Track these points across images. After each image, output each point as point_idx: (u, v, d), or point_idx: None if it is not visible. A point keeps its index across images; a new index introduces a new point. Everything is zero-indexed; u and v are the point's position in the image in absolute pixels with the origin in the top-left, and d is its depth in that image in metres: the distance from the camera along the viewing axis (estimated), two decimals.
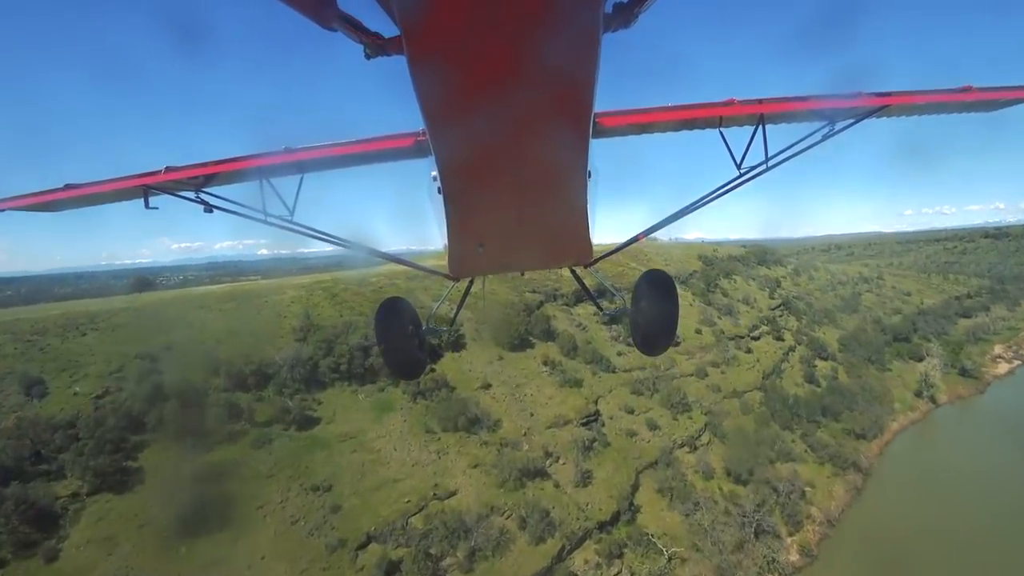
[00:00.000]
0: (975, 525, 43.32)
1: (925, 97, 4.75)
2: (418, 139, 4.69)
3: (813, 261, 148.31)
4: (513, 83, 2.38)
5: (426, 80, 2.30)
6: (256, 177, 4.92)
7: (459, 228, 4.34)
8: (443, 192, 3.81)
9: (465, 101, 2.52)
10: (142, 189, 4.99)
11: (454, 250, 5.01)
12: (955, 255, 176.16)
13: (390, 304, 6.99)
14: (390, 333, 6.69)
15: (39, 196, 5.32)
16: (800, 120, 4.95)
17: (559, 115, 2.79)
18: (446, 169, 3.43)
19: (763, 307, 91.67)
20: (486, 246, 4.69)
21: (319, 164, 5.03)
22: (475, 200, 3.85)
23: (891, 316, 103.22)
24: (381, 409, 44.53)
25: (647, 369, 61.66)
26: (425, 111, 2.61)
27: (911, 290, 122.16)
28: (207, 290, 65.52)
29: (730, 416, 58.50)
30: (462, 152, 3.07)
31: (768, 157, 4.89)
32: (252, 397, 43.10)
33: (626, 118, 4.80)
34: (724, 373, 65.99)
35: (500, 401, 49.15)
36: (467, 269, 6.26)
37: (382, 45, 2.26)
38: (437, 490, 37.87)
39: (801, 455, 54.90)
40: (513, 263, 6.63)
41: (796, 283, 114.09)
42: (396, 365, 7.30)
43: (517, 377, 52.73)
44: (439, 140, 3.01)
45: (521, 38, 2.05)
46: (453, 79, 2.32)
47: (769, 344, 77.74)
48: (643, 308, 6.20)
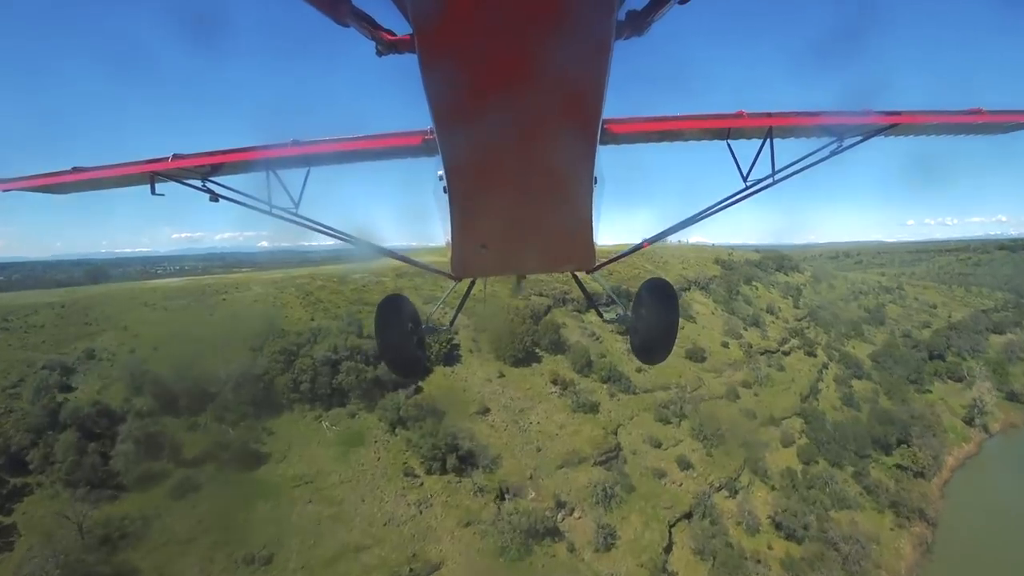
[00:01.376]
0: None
1: (934, 118, 4.66)
2: (426, 138, 4.66)
3: (823, 268, 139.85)
4: (523, 87, 2.31)
5: (436, 80, 2.24)
6: (263, 168, 4.91)
7: (463, 228, 4.12)
8: (449, 191, 3.53)
9: (474, 102, 2.43)
10: (149, 175, 4.94)
11: (457, 250, 4.70)
12: (969, 266, 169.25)
13: (390, 301, 6.67)
14: (389, 330, 6.45)
15: (47, 178, 5.19)
16: (808, 135, 4.87)
17: (568, 120, 2.70)
18: (452, 169, 3.24)
19: (788, 317, 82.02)
20: (489, 247, 4.51)
21: (326, 158, 5.04)
22: (480, 201, 3.68)
23: (921, 330, 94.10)
24: (349, 442, 34.40)
25: (672, 389, 51.78)
26: (434, 110, 2.51)
27: (935, 302, 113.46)
28: (161, 284, 55.15)
29: (770, 449, 48.69)
30: (469, 152, 2.95)
31: (775, 171, 4.78)
32: (182, 425, 32.90)
33: (635, 126, 4.77)
34: (757, 395, 56.16)
35: (500, 431, 39.09)
36: (470, 269, 5.95)
37: (394, 43, 2.25)
38: (415, 563, 27.77)
39: (857, 500, 45.09)
40: (516, 265, 6.15)
41: (817, 291, 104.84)
42: (395, 363, 7.02)
43: (521, 399, 42.69)
44: (447, 140, 2.89)
45: (533, 42, 2.00)
46: (463, 80, 2.25)
47: (801, 360, 68.03)
48: (643, 316, 6.04)
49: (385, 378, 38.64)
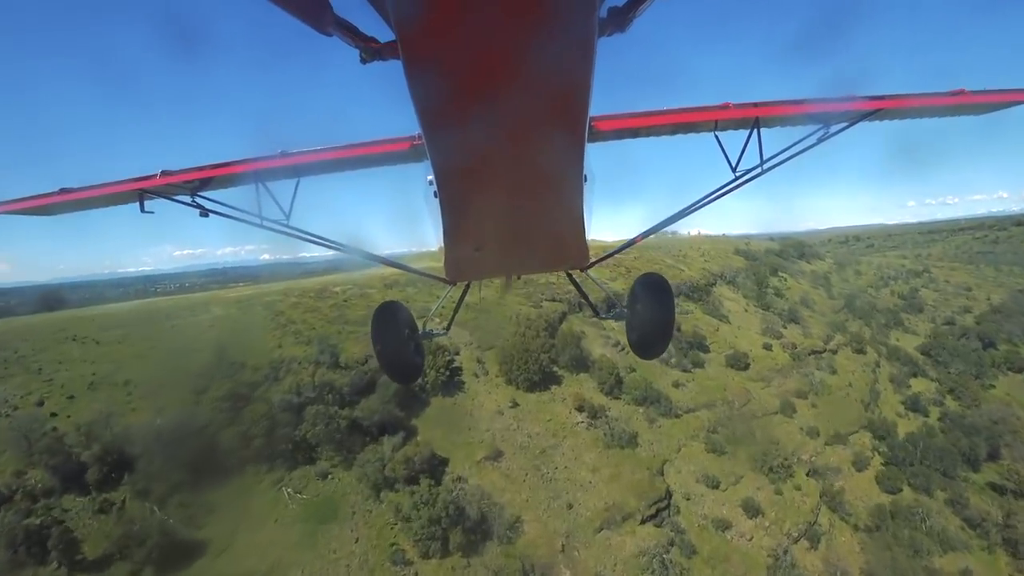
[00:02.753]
0: None
1: (918, 101, 4.68)
2: (414, 143, 4.61)
3: (842, 253, 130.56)
4: (508, 88, 2.24)
5: (421, 84, 2.18)
6: (252, 181, 4.81)
7: (455, 232, 3.98)
8: (439, 196, 3.48)
9: (460, 105, 2.34)
10: (138, 193, 4.87)
11: (451, 254, 4.56)
12: (987, 244, 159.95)
13: (386, 308, 6.28)
14: (386, 337, 6.07)
15: (34, 200, 5.04)
16: (795, 123, 4.86)
17: (555, 119, 2.62)
18: (442, 173, 3.14)
19: (825, 310, 72.71)
20: (482, 250, 4.40)
21: (315, 168, 4.96)
22: (471, 204, 3.53)
23: (962, 315, 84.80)
24: (318, 517, 25.15)
25: (717, 406, 42.60)
26: (421, 115, 2.42)
27: (968, 284, 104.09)
28: (100, 312, 45.84)
29: (844, 475, 39.43)
30: (458, 156, 2.85)
31: (763, 160, 4.73)
32: (89, 506, 23.74)
33: (622, 122, 4.72)
34: (816, 407, 46.85)
35: (517, 482, 29.85)
36: (464, 273, 5.75)
37: (378, 50, 2.21)
38: None
39: (960, 537, 35.78)
40: (510, 266, 5.97)
41: (844, 278, 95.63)
42: (393, 370, 6.50)
43: (541, 435, 33.44)
44: (434, 144, 2.81)
45: (516, 43, 1.97)
46: (448, 84, 2.20)
47: (851, 360, 58.69)
48: (639, 311, 5.82)
49: (366, 421, 29.45)
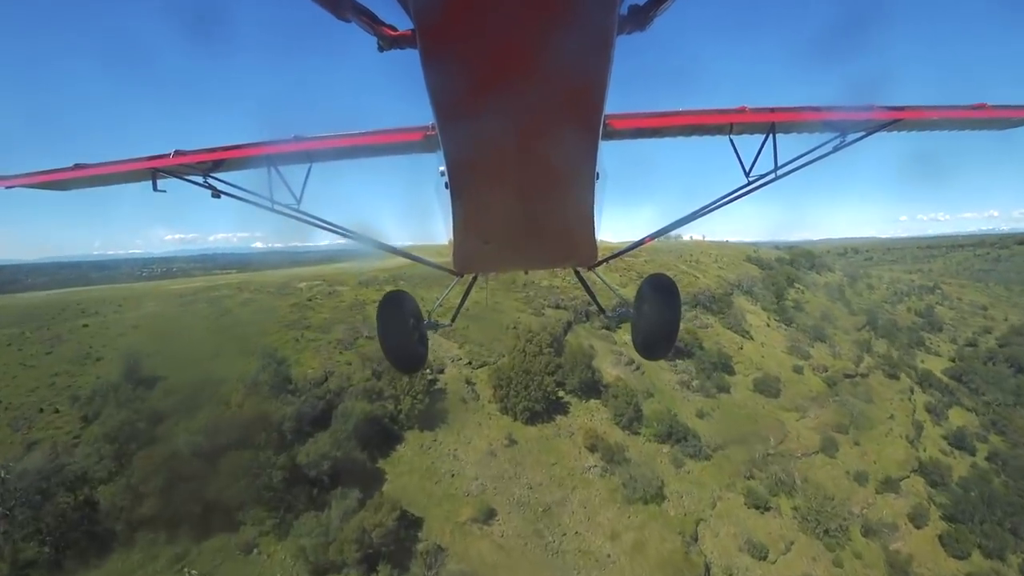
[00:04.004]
0: None
1: (938, 113, 4.45)
2: (427, 133, 4.42)
3: (831, 265, 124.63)
4: (525, 82, 2.21)
5: (438, 75, 2.15)
6: (264, 164, 4.62)
7: (465, 224, 3.90)
8: (450, 187, 3.34)
9: (476, 98, 2.30)
10: (151, 172, 4.77)
11: (459, 246, 4.51)
12: (988, 262, 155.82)
13: (392, 297, 6.28)
14: (391, 327, 6.03)
15: (49, 174, 4.96)
16: (811, 130, 4.63)
17: (570, 116, 2.57)
18: (454, 164, 3.07)
19: (848, 327, 65.79)
20: (491, 243, 4.32)
21: (328, 154, 4.80)
22: (482, 197, 3.45)
23: (984, 337, 78.77)
24: None
25: (749, 441, 35.23)
26: (436, 106, 2.38)
27: (982, 303, 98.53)
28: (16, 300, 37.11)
29: (902, 534, 32.24)
30: (471, 148, 2.81)
31: (777, 166, 4.54)
32: None
33: (637, 121, 4.56)
34: (858, 444, 39.70)
35: (515, 555, 22.04)
36: (472, 265, 5.74)
37: (396, 38, 2.16)
38: None
39: None
40: (518, 261, 6.02)
41: (857, 292, 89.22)
42: (397, 360, 6.46)
43: (545, 485, 25.70)
44: (448, 135, 2.76)
45: (535, 37, 1.94)
46: (465, 75, 2.16)
47: (884, 385, 51.75)
48: (645, 312, 5.75)
49: (312, 470, 21.46)
